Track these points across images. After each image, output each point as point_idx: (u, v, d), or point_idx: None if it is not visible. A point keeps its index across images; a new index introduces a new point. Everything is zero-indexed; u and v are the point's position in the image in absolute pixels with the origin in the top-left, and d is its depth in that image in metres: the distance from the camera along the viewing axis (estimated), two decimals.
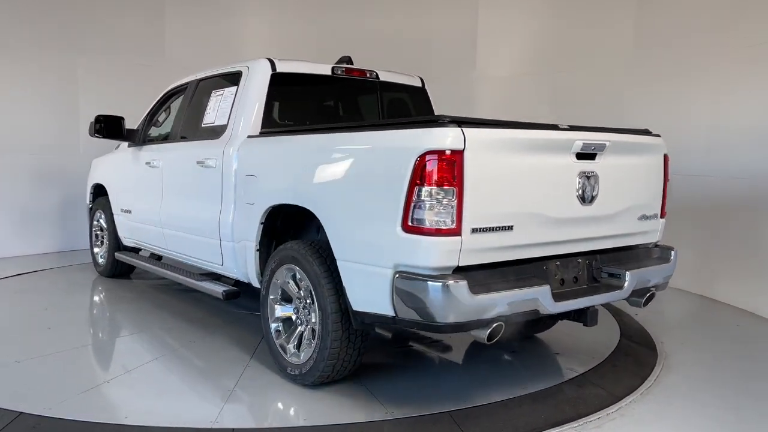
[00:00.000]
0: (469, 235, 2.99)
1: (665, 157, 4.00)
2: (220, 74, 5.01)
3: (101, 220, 6.80)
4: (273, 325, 4.00)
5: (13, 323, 5.26)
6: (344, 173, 3.42)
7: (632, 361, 4.36)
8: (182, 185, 5.07)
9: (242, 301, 5.53)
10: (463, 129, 2.95)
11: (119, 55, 8.60)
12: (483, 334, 3.08)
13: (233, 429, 3.26)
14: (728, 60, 5.96)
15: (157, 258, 6.12)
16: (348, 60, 5.06)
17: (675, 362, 4.33)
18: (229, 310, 5.49)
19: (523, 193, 3.20)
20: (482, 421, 3.34)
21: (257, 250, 4.16)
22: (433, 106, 5.45)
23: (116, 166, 6.37)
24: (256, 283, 4.30)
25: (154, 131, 6.01)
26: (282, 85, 4.55)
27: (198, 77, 5.38)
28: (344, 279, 3.42)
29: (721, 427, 3.38)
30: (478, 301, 2.97)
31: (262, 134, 4.35)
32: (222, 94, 4.82)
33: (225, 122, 4.60)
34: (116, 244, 6.49)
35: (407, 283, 3.03)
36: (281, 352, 3.92)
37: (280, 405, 3.63)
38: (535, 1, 8.39)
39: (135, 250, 6.42)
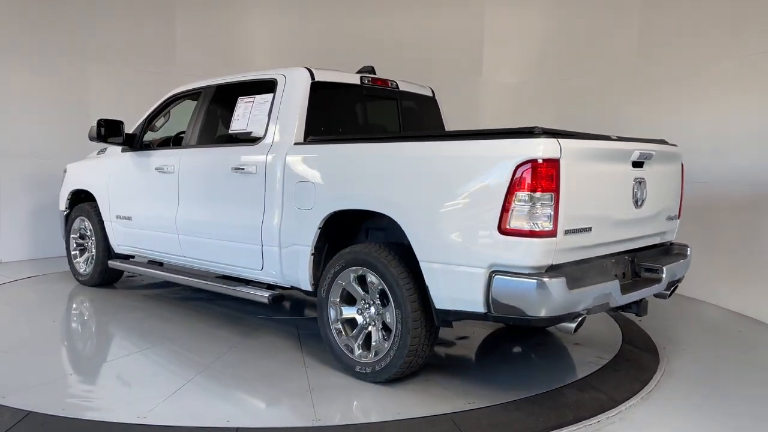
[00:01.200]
0: (562, 236, 3.30)
1: (682, 164, 4.52)
2: (247, 81, 5.04)
3: (84, 228, 6.56)
4: (335, 326, 4.14)
5: (35, 336, 4.96)
6: (433, 180, 3.59)
7: (633, 365, 4.44)
8: (210, 191, 5.04)
9: (248, 306, 5.60)
10: (559, 140, 3.26)
11: (130, 63, 8.56)
12: (571, 326, 3.42)
13: (337, 426, 3.38)
14: (731, 68, 6.07)
15: (158, 264, 6.01)
16: (371, 70, 5.24)
17: (676, 367, 4.38)
18: (244, 317, 5.49)
19: (598, 198, 3.57)
20: (482, 423, 3.43)
21: (312, 254, 4.29)
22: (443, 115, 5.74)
23: (109, 171, 6.16)
24: (306, 287, 4.39)
25: (157, 136, 5.91)
26: (318, 94, 4.68)
27: (215, 83, 5.37)
28: (428, 279, 3.62)
29: (720, 431, 3.49)
30: (573, 295, 3.29)
31: (310, 141, 4.46)
32: (252, 101, 4.86)
33: (262, 129, 4.66)
34: (106, 252, 6.30)
35: (506, 281, 3.30)
36: (346, 351, 4.07)
37: (366, 401, 3.74)
38: (540, 7, 8.47)
39: (127, 258, 6.27)
